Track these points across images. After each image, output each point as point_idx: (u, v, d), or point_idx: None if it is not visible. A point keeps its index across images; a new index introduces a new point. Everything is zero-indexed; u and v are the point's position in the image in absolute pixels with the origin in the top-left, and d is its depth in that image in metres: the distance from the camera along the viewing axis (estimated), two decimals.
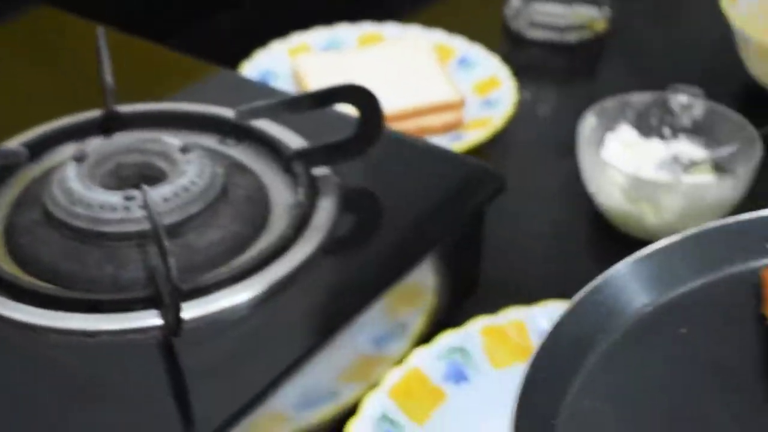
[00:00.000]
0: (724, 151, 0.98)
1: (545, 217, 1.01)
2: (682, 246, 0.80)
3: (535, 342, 0.84)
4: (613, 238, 0.97)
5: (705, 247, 0.79)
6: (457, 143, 1.05)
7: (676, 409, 0.69)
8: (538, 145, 1.11)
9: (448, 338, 0.83)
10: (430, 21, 1.25)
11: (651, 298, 0.77)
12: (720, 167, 0.99)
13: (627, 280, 0.78)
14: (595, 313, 0.77)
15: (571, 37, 1.28)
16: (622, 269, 0.78)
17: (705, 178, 0.97)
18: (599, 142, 0.99)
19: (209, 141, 0.85)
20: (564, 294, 0.86)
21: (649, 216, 0.93)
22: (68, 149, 0.84)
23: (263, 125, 0.84)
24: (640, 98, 1.01)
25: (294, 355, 0.68)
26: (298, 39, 1.22)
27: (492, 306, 0.85)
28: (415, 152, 0.86)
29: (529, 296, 0.86)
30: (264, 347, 0.69)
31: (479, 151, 1.05)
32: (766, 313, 0.73)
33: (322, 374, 0.73)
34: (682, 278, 0.78)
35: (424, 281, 0.81)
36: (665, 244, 0.80)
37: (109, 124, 0.86)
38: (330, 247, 0.75)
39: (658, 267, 0.79)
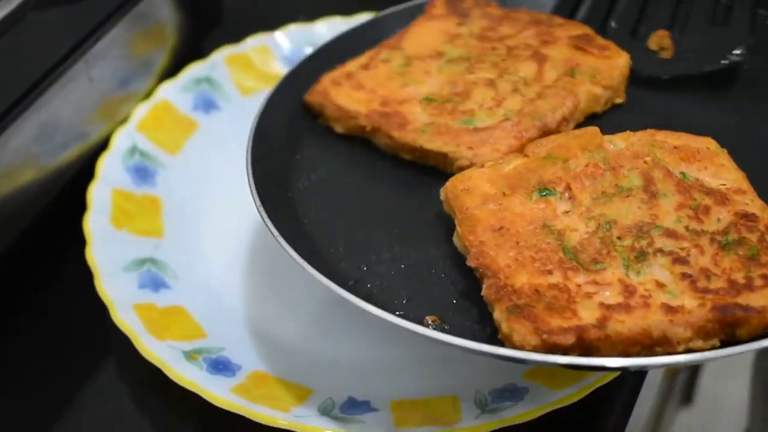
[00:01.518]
0: None
1: None
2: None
3: (279, 66, 0.86)
4: None
5: None
6: None
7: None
8: None
9: (193, 70, 0.84)
10: None
11: None
12: None
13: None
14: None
15: None
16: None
17: None
18: None
19: None
20: (309, 19, 0.88)
21: None
22: None
23: None
24: None
25: (21, 90, 0.68)
26: None
27: (237, 36, 0.87)
28: None
29: (273, 25, 0.88)
30: None
31: None
32: None
33: (65, 113, 0.74)
34: None
35: (161, 15, 0.81)
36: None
37: None
38: None
39: None
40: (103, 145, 0.78)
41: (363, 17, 0.87)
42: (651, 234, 0.60)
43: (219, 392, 0.64)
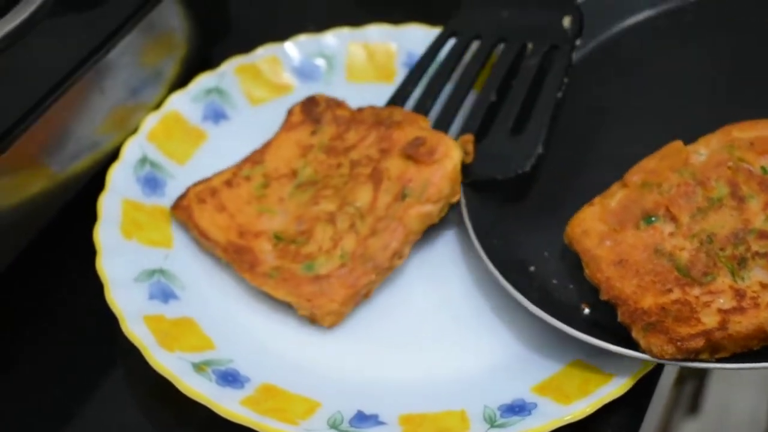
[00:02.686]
0: None
1: None
2: None
3: (288, 76, 0.87)
4: None
5: None
6: None
7: None
8: None
9: (203, 80, 0.84)
10: None
11: None
12: None
13: None
14: None
15: None
16: None
17: None
18: None
19: None
20: (318, 29, 0.88)
21: None
22: None
23: None
24: None
25: (32, 100, 0.69)
26: None
27: (247, 47, 0.87)
28: None
29: (282, 35, 0.88)
30: (5, 95, 0.69)
31: None
32: None
33: (76, 123, 0.74)
34: None
35: (170, 25, 0.82)
36: None
37: None
38: None
39: None
40: (113, 156, 0.78)
41: (374, 27, 0.88)
42: (747, 239, 0.66)
43: (228, 405, 0.64)
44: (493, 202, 0.76)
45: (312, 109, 0.80)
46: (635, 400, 0.68)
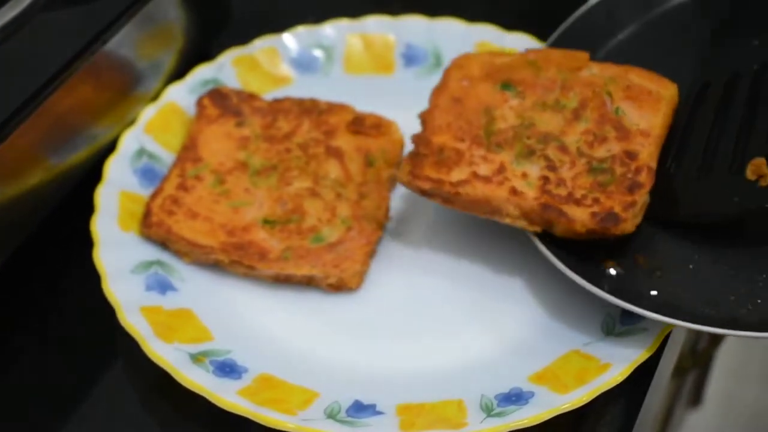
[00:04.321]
0: None
1: None
2: None
3: (286, 68, 0.87)
4: None
5: None
6: None
7: None
8: None
9: (201, 71, 0.84)
10: None
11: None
12: None
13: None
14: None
15: None
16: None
17: None
18: None
19: None
20: (317, 21, 0.88)
21: None
22: None
23: None
24: None
25: (29, 92, 0.69)
26: None
27: (245, 39, 0.87)
28: None
29: (280, 27, 0.88)
30: (2, 86, 0.69)
31: None
32: None
33: (73, 115, 0.74)
34: None
35: (169, 16, 0.82)
36: None
37: None
38: None
39: None
40: (110, 148, 0.78)
41: (372, 19, 0.88)
42: (549, 143, 0.71)
43: (225, 395, 0.64)
44: None
45: (224, 102, 0.81)
46: (633, 390, 0.68)
